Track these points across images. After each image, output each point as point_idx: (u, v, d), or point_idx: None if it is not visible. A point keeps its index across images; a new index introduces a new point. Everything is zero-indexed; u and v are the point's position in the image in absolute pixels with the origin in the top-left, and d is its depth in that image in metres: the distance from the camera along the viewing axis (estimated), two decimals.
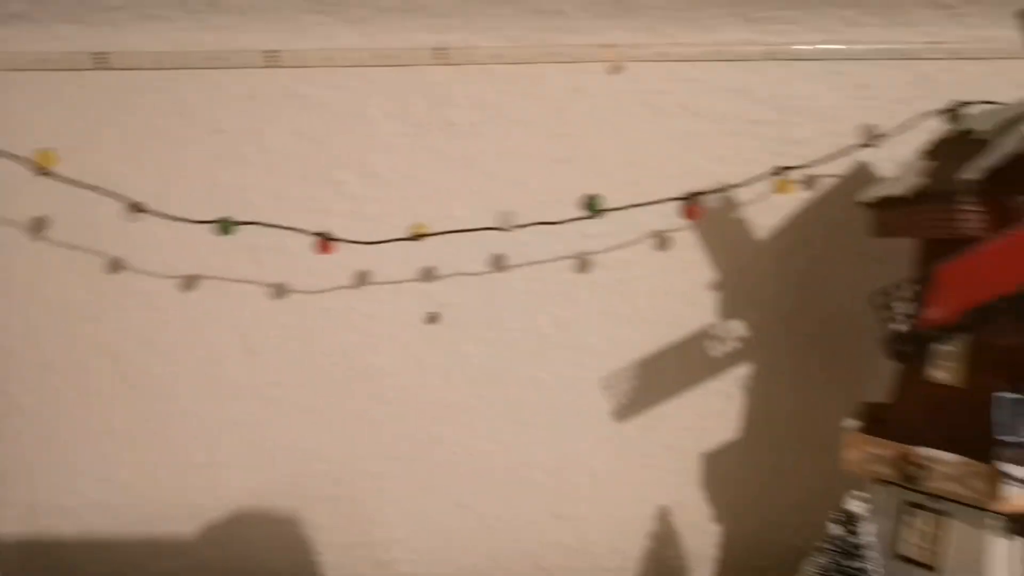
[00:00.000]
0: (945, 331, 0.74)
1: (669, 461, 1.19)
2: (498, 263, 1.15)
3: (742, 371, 1.18)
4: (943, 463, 0.82)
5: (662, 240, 1.15)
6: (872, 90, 1.13)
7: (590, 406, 1.18)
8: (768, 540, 1.18)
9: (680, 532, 1.19)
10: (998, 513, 0.79)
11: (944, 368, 0.86)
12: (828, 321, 1.16)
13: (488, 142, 1.15)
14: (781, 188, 1.02)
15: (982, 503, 0.80)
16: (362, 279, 1.15)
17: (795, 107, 1.14)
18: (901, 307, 0.74)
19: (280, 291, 1.16)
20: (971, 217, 0.80)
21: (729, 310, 1.17)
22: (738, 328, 1.17)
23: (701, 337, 1.17)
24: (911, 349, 0.75)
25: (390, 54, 1.12)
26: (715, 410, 1.18)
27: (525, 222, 1.07)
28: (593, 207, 0.98)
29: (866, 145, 1.03)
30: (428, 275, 1.15)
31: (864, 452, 0.90)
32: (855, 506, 0.85)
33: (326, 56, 1.12)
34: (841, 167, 1.11)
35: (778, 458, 1.18)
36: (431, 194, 1.15)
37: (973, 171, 0.80)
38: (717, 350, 1.17)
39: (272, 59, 1.11)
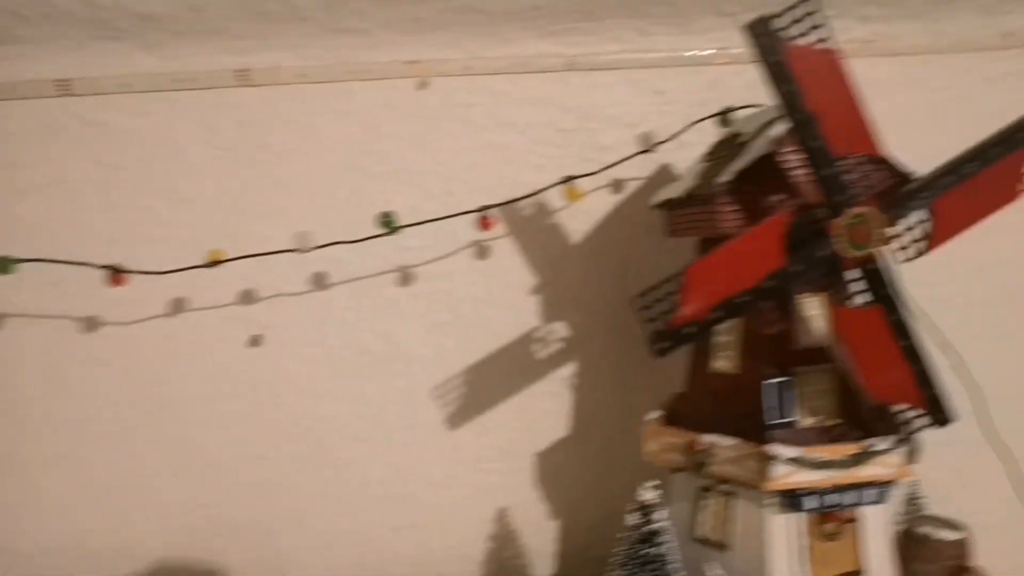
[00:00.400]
0: (699, 327, 0.79)
1: (503, 464, 1.21)
2: (319, 281, 1.15)
3: (568, 371, 1.22)
4: (722, 448, 0.88)
5: (481, 249, 1.18)
6: (670, 95, 1.18)
7: (421, 416, 1.19)
8: (604, 532, 1.22)
9: (519, 531, 1.22)
10: (771, 491, 0.85)
11: (723, 358, 0.93)
12: None
13: (301, 161, 1.14)
14: (571, 196, 1.05)
15: (756, 483, 0.85)
16: (179, 306, 1.13)
17: (600, 115, 1.18)
18: (658, 307, 0.79)
19: (91, 324, 1.12)
20: (728, 217, 0.85)
21: (551, 313, 1.20)
22: (560, 330, 1.21)
23: (526, 341, 1.20)
24: (669, 346, 0.79)
25: (191, 77, 1.10)
26: (544, 411, 1.21)
27: (344, 239, 1.08)
28: (388, 224, 1.00)
29: (647, 151, 1.09)
30: (248, 298, 1.14)
31: (661, 442, 0.96)
32: (648, 495, 0.90)
33: (123, 82, 1.09)
34: (645, 170, 1.17)
35: (607, 452, 1.23)
36: (245, 217, 1.14)
37: (728, 173, 0.85)
38: (542, 353, 1.21)
39: (64, 88, 1.08)
